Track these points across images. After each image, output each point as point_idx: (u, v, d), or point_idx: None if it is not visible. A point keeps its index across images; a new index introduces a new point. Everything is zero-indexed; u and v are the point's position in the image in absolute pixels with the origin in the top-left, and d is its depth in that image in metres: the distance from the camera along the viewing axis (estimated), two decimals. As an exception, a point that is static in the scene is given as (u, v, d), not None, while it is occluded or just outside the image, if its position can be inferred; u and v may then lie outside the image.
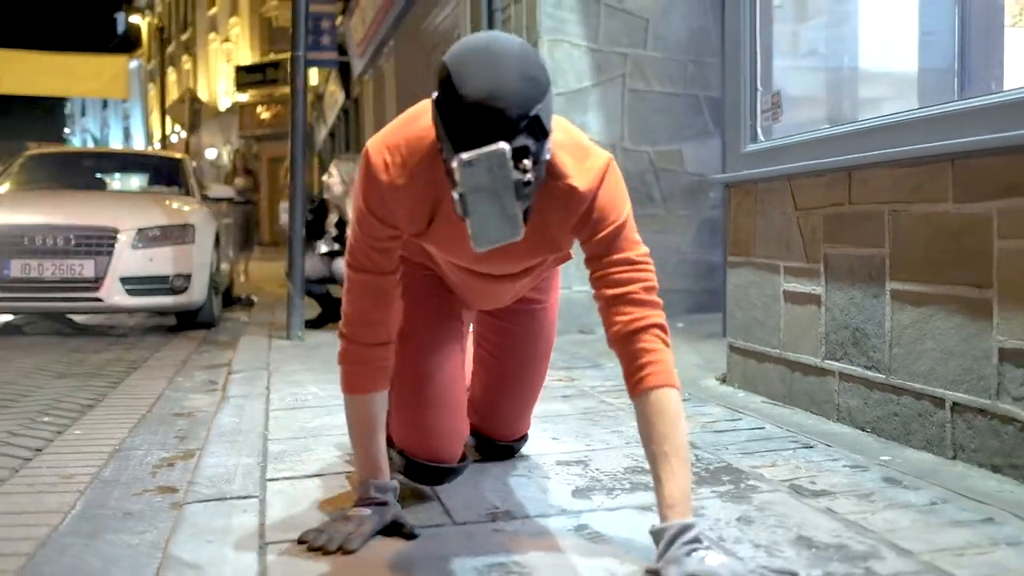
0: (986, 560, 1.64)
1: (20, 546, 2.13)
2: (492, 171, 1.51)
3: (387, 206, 1.84)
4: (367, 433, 1.95)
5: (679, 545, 1.60)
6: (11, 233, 6.64)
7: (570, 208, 1.80)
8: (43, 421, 3.72)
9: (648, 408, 1.71)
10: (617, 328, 1.76)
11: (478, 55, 1.60)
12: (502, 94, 1.54)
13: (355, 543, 1.80)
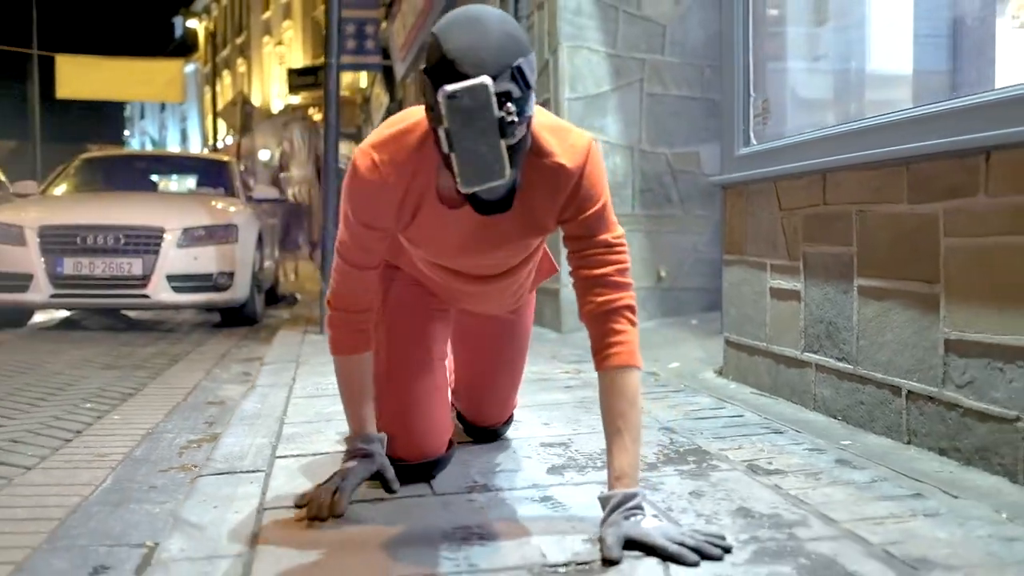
0: (900, 528, 1.80)
1: (53, 512, 2.38)
2: (475, 103, 1.55)
3: (375, 207, 1.92)
4: (354, 392, 2.12)
5: (621, 511, 1.76)
6: (64, 233, 7.00)
7: (558, 186, 1.87)
8: (86, 407, 4.00)
9: (610, 385, 1.84)
10: (591, 308, 1.87)
11: (460, 17, 1.69)
12: (484, 44, 1.62)
13: (341, 506, 1.97)
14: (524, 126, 1.68)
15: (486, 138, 1.57)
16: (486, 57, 1.61)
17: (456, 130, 1.56)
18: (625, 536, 1.71)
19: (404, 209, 1.93)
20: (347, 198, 1.95)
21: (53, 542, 2.12)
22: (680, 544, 1.69)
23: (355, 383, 2.12)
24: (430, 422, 2.27)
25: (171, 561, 1.78)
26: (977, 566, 1.60)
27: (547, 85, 5.54)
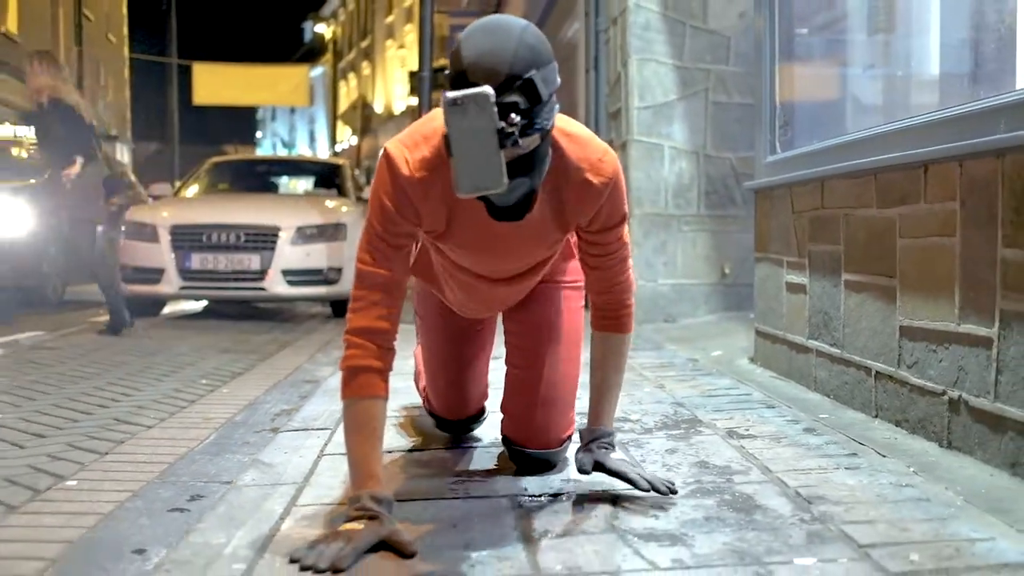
0: (820, 477, 2.20)
1: (165, 458, 2.95)
2: (476, 112, 1.58)
3: (409, 199, 1.90)
4: (363, 438, 1.91)
5: (596, 443, 2.13)
6: (192, 231, 7.77)
7: (587, 199, 1.96)
8: (202, 383, 4.63)
9: (606, 344, 2.16)
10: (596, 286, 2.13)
11: (483, 25, 1.77)
12: (497, 54, 1.68)
13: (346, 561, 1.71)
14: (537, 136, 1.75)
15: (483, 147, 1.60)
16: (496, 66, 1.67)
17: (455, 136, 1.61)
18: (595, 460, 2.10)
19: (437, 212, 1.95)
20: (380, 188, 1.93)
21: (162, 478, 2.68)
22: (638, 474, 2.06)
23: (364, 431, 1.91)
24: (475, 386, 2.62)
25: (243, 487, 2.32)
26: (860, 502, 2.00)
27: (619, 95, 5.97)
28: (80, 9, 26.11)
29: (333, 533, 1.79)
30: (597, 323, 2.17)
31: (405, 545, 1.77)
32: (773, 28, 3.83)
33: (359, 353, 1.93)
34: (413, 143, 1.93)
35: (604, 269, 2.11)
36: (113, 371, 4.94)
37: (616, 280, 2.12)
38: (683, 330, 5.40)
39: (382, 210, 1.92)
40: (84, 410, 3.85)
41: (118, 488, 2.56)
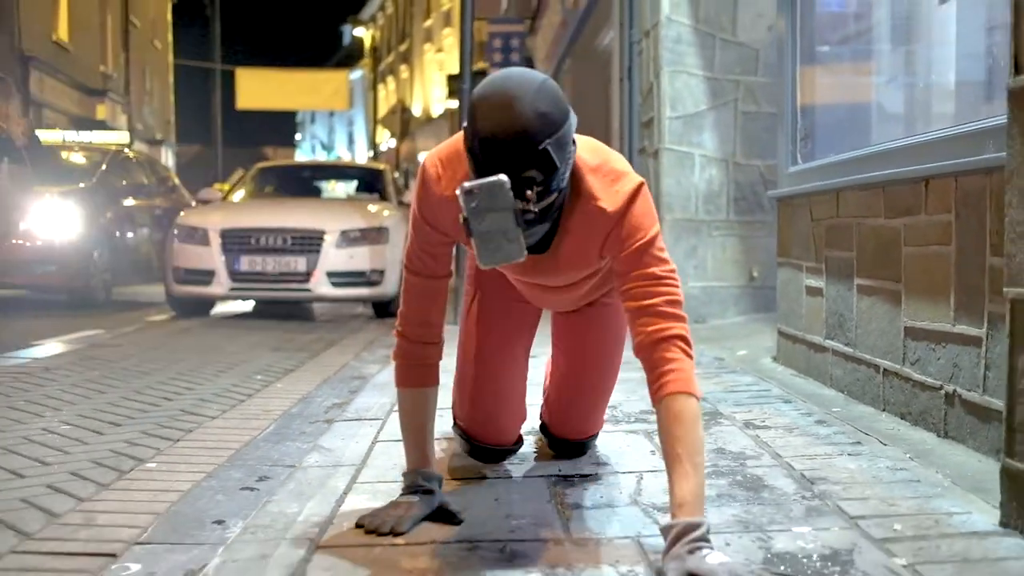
0: (825, 462, 2.45)
1: (232, 444, 3.25)
2: (492, 199, 1.67)
3: (438, 214, 1.99)
4: (416, 425, 2.13)
5: (684, 543, 1.66)
6: (241, 234, 8.12)
7: (598, 227, 1.93)
8: (256, 378, 4.94)
9: (667, 413, 1.81)
10: (641, 338, 1.86)
11: (495, 94, 1.75)
12: (509, 130, 1.71)
13: (405, 525, 1.95)
14: (555, 195, 1.79)
15: (502, 228, 1.68)
16: (509, 147, 1.70)
17: (473, 220, 1.69)
18: (688, 572, 1.63)
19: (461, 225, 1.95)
20: (416, 200, 2.04)
21: (232, 461, 2.98)
22: None
23: (417, 417, 2.13)
24: (509, 409, 2.47)
25: (308, 468, 2.61)
26: (857, 482, 2.24)
27: (652, 105, 6.21)
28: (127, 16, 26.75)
29: (393, 504, 2.04)
30: (655, 391, 1.86)
31: (454, 515, 2.02)
32: (795, 47, 4.07)
33: (407, 346, 2.12)
34: (448, 159, 1.99)
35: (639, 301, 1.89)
36: (173, 367, 5.26)
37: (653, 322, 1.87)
38: (712, 330, 5.64)
39: (417, 221, 2.05)
40: (151, 402, 4.17)
41: (193, 470, 2.86)
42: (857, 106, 4.33)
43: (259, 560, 1.83)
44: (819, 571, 1.69)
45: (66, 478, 2.85)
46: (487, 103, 1.75)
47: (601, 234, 1.94)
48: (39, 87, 20.11)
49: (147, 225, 10.39)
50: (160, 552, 2.07)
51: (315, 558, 1.85)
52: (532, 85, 1.76)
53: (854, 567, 1.70)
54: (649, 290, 1.88)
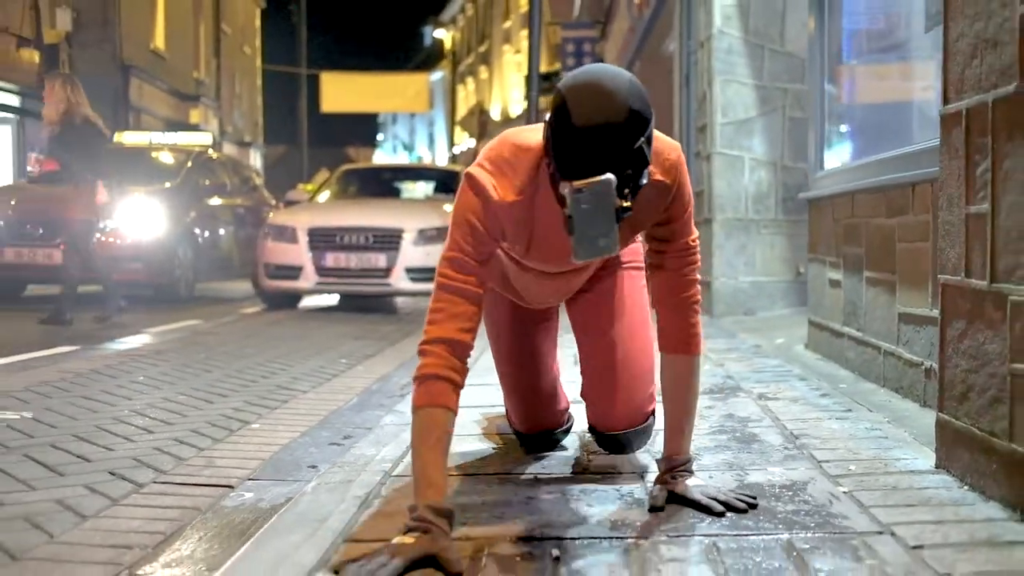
0: (815, 424, 2.90)
1: (321, 412, 3.81)
2: (598, 199, 1.72)
3: (499, 221, 1.99)
4: (428, 447, 1.90)
5: (670, 472, 2.12)
6: (327, 232, 8.76)
7: (658, 200, 2.02)
8: (342, 362, 5.53)
9: (682, 367, 2.14)
10: (675, 300, 2.12)
11: (590, 87, 1.78)
12: (610, 127, 1.74)
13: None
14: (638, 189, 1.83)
15: (603, 226, 1.74)
16: (611, 139, 1.75)
17: (578, 219, 1.74)
18: (670, 491, 2.09)
19: (521, 229, 2.05)
20: (467, 208, 1.99)
21: (321, 424, 3.54)
22: (712, 499, 2.03)
23: (430, 439, 1.91)
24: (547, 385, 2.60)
25: (384, 426, 3.15)
26: (834, 438, 2.70)
27: (706, 111, 6.65)
28: (219, 24, 27.92)
29: (385, 546, 1.77)
30: (665, 345, 2.15)
31: (452, 563, 1.72)
32: (823, 60, 4.49)
33: (434, 362, 1.94)
34: (499, 170, 2.00)
35: (672, 273, 2.09)
36: (268, 351, 5.89)
37: (683, 289, 2.11)
38: (758, 322, 6.06)
39: (472, 229, 1.98)
40: (251, 379, 4.78)
41: (289, 430, 3.43)
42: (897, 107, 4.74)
43: (345, 483, 2.37)
44: (777, 495, 2.16)
45: (188, 434, 3.45)
46: (584, 97, 1.77)
47: (661, 204, 2.04)
48: (138, 93, 21.25)
49: (229, 223, 10.87)
50: (266, 485, 2.62)
51: (389, 482, 2.39)
52: (624, 81, 1.80)
53: (805, 492, 2.17)
54: (687, 258, 2.11)
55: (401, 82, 27.28)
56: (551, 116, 1.82)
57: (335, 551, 1.85)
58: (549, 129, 1.83)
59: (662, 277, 2.12)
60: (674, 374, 2.15)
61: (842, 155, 4.48)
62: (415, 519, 1.80)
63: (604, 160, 1.75)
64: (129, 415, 3.79)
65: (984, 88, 2.05)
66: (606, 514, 2.05)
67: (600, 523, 1.99)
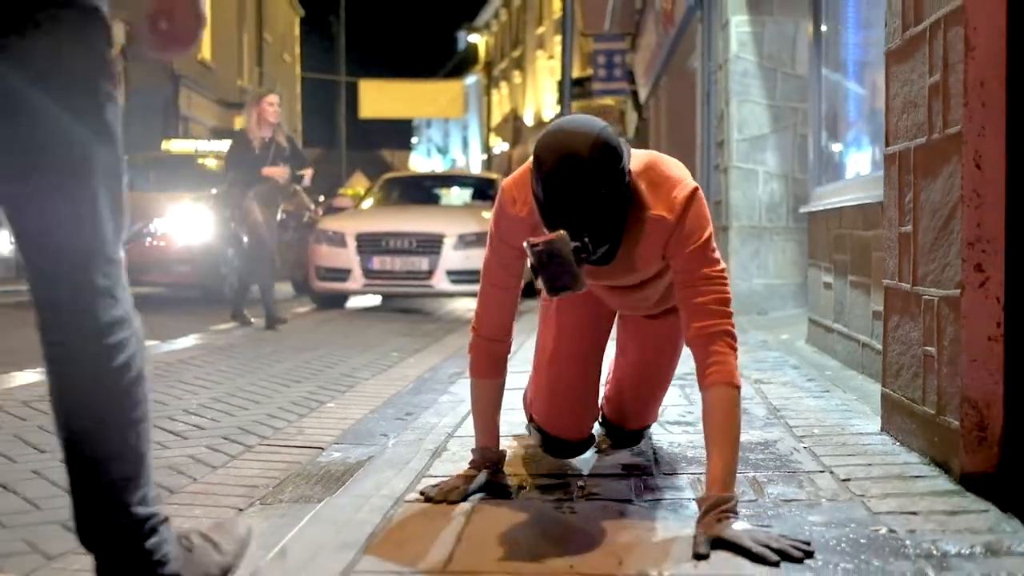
0: (795, 401, 3.53)
1: (383, 395, 4.47)
2: (552, 252, 1.91)
3: (513, 231, 2.23)
4: (485, 409, 2.43)
5: (714, 513, 1.95)
6: (373, 237, 9.46)
7: (659, 232, 2.14)
8: (392, 355, 6.21)
9: (710, 400, 2.09)
10: (693, 332, 2.12)
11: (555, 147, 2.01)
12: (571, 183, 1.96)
13: (454, 495, 2.30)
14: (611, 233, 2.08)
15: (564, 269, 1.93)
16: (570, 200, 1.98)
17: (539, 267, 1.94)
18: (715, 536, 1.91)
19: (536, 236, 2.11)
20: (494, 220, 2.32)
21: (385, 404, 4.21)
22: (764, 546, 1.85)
23: (486, 403, 2.43)
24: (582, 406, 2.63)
25: (442, 403, 3.81)
26: (808, 411, 3.33)
27: (723, 128, 7.27)
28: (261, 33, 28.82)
29: (454, 476, 2.40)
30: (701, 378, 2.13)
31: (506, 488, 2.36)
32: (819, 88, 5.11)
33: (480, 342, 2.40)
34: (522, 184, 2.24)
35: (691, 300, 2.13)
36: (326, 346, 6.59)
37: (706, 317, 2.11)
38: (769, 320, 6.68)
39: (493, 238, 2.34)
40: (317, 368, 5.47)
41: (359, 408, 4.10)
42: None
43: (417, 441, 3.04)
44: (752, 449, 2.79)
45: (277, 411, 4.14)
46: (549, 156, 2.00)
47: (663, 238, 2.16)
48: (187, 103, 22.16)
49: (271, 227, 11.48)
50: (350, 447, 3.29)
51: (451, 440, 3.06)
52: (588, 139, 1.98)
53: (774, 447, 2.81)
54: (701, 289, 2.11)
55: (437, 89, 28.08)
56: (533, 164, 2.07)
57: (417, 483, 2.52)
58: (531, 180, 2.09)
59: (684, 309, 2.16)
60: (710, 408, 2.10)
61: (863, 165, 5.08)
62: (478, 460, 2.39)
63: (565, 206, 1.98)
64: (224, 396, 4.48)
65: (909, 137, 2.68)
66: (617, 461, 2.70)
67: (613, 467, 2.64)
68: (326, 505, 2.35)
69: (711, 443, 2.08)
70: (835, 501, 2.25)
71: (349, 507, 2.30)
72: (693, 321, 2.12)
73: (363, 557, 1.94)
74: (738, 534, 1.90)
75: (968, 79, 2.29)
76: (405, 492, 2.42)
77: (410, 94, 28.28)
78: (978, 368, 2.31)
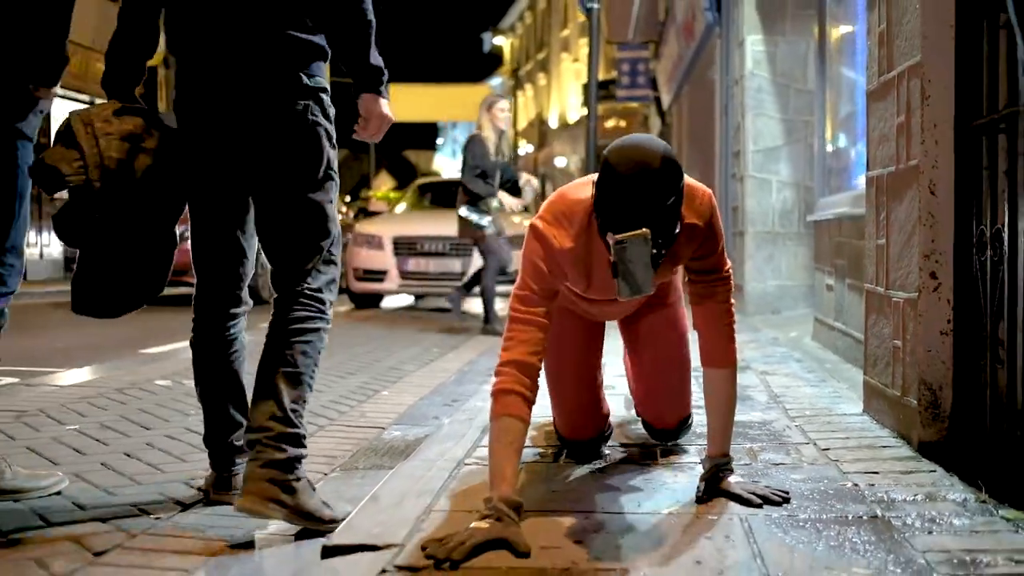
0: (794, 389, 4.05)
1: (430, 385, 5.02)
2: (637, 248, 2.05)
3: (559, 264, 2.36)
4: (503, 449, 2.26)
5: (714, 469, 2.44)
6: (409, 240, 10.03)
7: (692, 241, 2.38)
8: (434, 351, 6.77)
9: (714, 377, 2.49)
10: (705, 320, 2.48)
11: (631, 146, 2.17)
12: (648, 175, 2.09)
13: (458, 554, 2.01)
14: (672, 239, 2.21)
15: (642, 269, 2.08)
16: (650, 197, 2.11)
17: (620, 264, 2.08)
18: (714, 486, 2.42)
19: (578, 270, 2.42)
20: (533, 253, 2.38)
21: (433, 393, 4.75)
22: (752, 493, 2.36)
23: (504, 443, 2.27)
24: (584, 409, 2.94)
25: (484, 392, 4.35)
26: (804, 397, 3.85)
27: (740, 140, 7.79)
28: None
29: (464, 529, 2.12)
30: (705, 360, 2.50)
31: (519, 545, 2.05)
32: (823, 104, 5.61)
33: (508, 380, 2.32)
34: (557, 222, 2.39)
35: (709, 299, 2.47)
36: (371, 343, 7.16)
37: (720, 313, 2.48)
38: (781, 319, 7.19)
39: (536, 270, 2.37)
40: (367, 363, 6.04)
41: (411, 396, 4.65)
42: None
43: (468, 420, 3.59)
44: (750, 426, 3.32)
45: (339, 398, 4.70)
46: (625, 167, 2.14)
47: (694, 243, 2.40)
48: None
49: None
50: (407, 427, 3.84)
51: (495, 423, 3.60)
52: (659, 145, 2.20)
53: (770, 426, 3.34)
54: (718, 288, 2.47)
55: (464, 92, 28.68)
56: (599, 176, 2.21)
57: (473, 451, 3.06)
58: (596, 188, 2.22)
59: (702, 305, 2.49)
60: (714, 386, 2.49)
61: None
62: (490, 508, 2.15)
63: (641, 213, 2.10)
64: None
65: (883, 165, 3.21)
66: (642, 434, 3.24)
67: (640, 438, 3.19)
68: (401, 467, 2.91)
69: (712, 413, 2.50)
70: (814, 465, 2.78)
71: (421, 468, 2.85)
72: (707, 310, 2.48)
73: (439, 500, 2.49)
74: (731, 484, 2.41)
75: (924, 121, 2.81)
76: (464, 458, 2.97)
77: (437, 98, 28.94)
78: (933, 357, 2.83)
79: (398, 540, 2.15)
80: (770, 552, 2.03)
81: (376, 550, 2.08)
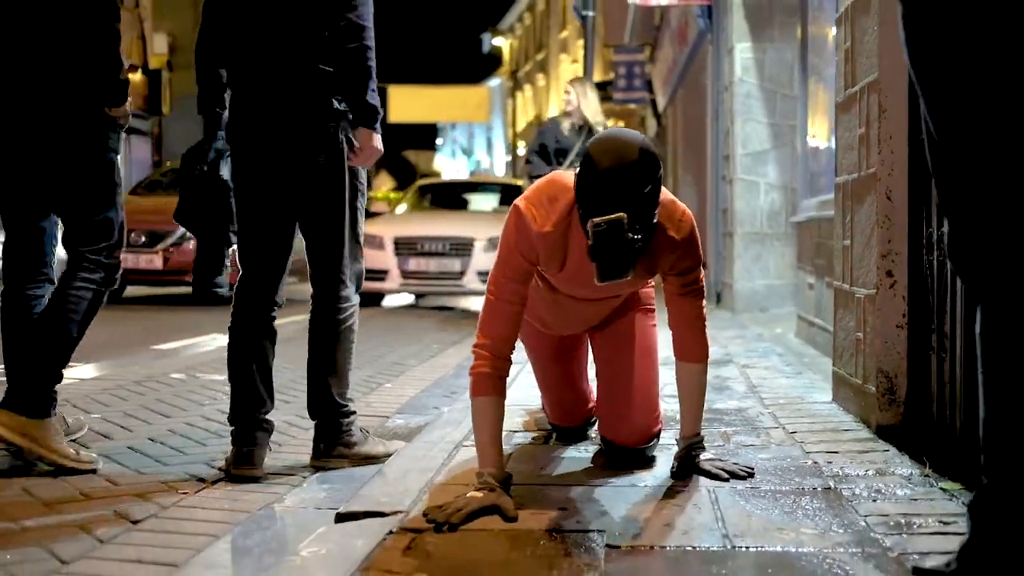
0: (771, 380, 4.32)
1: (431, 379, 5.29)
2: (613, 231, 2.15)
3: (534, 247, 2.44)
4: (485, 429, 2.45)
5: (687, 448, 2.68)
6: (409, 240, 10.30)
7: (671, 251, 2.53)
8: (433, 347, 7.04)
9: (687, 369, 2.68)
10: (679, 319, 2.65)
11: (610, 139, 2.34)
12: (625, 167, 2.22)
13: (456, 518, 2.24)
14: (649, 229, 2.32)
15: (619, 253, 2.19)
16: (627, 184, 2.23)
17: (598, 247, 2.19)
18: (686, 463, 2.66)
19: (553, 256, 2.50)
20: (511, 236, 2.47)
21: (433, 385, 5.03)
22: (720, 469, 2.61)
23: (487, 422, 2.45)
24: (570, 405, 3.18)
25: (482, 382, 4.63)
26: (780, 387, 4.13)
27: (729, 144, 8.06)
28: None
29: (458, 498, 2.34)
30: (680, 354, 2.68)
31: (509, 511, 2.29)
32: (805, 107, 5.89)
33: (483, 363, 2.49)
34: (539, 203, 2.47)
35: (685, 305, 2.63)
36: (373, 339, 7.43)
37: (695, 317, 2.64)
38: (768, 317, 7.46)
39: (510, 252, 2.47)
40: (371, 358, 6.32)
41: (412, 388, 4.93)
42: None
43: (466, 409, 3.81)
44: (727, 412, 3.59)
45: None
46: (604, 157, 2.27)
47: (671, 255, 2.54)
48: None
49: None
50: (410, 416, 4.12)
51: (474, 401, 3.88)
52: (635, 145, 2.31)
53: (745, 412, 3.61)
54: (692, 292, 2.63)
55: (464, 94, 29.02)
56: (580, 166, 2.33)
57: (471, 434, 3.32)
58: (578, 177, 2.34)
59: (678, 307, 2.65)
60: (687, 377, 2.70)
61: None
62: (482, 481, 2.38)
63: (619, 198, 2.21)
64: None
65: (848, 172, 3.48)
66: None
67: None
68: (405, 448, 3.18)
69: (685, 399, 2.71)
70: (781, 446, 3.06)
71: (423, 448, 3.13)
72: (681, 312, 2.65)
73: (439, 475, 2.76)
74: (702, 462, 2.67)
75: (881, 133, 3.09)
76: (461, 441, 3.24)
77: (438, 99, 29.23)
78: (889, 348, 3.11)
79: (403, 507, 2.43)
80: (731, 517, 2.30)
81: (384, 516, 2.36)
